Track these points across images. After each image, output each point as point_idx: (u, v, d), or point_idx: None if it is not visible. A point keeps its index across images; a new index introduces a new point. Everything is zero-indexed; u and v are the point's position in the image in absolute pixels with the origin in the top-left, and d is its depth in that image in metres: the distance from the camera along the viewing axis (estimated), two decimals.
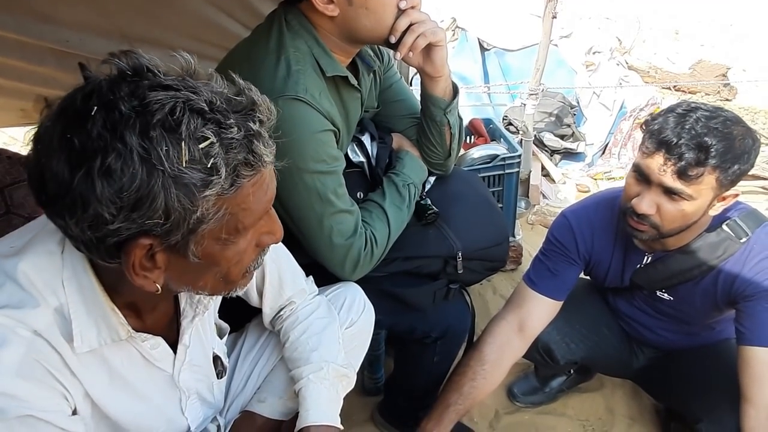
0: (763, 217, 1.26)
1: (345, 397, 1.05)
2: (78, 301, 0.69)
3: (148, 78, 0.58)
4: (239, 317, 1.15)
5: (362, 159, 1.31)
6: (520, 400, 1.79)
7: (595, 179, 3.49)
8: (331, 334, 1.07)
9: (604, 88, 4.10)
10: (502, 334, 1.41)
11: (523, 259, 2.46)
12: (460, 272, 1.33)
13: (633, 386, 1.79)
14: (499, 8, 4.63)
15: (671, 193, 1.11)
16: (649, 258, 1.35)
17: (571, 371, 1.78)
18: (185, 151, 0.56)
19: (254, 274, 0.79)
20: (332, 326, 1.08)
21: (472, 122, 2.44)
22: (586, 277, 1.55)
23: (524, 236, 2.68)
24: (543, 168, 3.46)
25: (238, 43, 1.21)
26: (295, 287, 1.08)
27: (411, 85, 2.45)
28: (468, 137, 2.43)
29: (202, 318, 0.89)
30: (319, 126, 1.07)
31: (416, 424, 1.36)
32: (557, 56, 4.33)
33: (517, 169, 2.26)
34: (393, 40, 1.11)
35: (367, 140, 1.32)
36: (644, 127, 1.15)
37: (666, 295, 1.38)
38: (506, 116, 3.59)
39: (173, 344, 0.85)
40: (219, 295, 0.87)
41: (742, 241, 1.21)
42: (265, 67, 1.07)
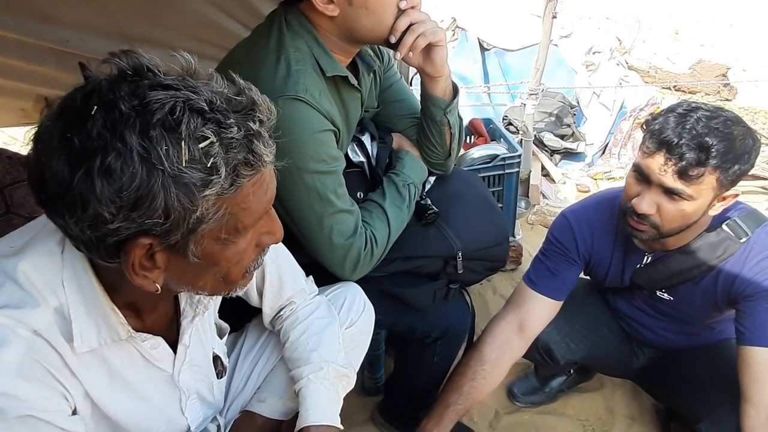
0: (762, 217, 1.26)
1: (345, 397, 1.05)
2: (78, 301, 0.68)
3: (148, 78, 0.58)
4: (239, 317, 1.15)
5: (362, 159, 1.31)
6: (520, 400, 1.79)
7: (595, 179, 3.49)
8: (331, 334, 1.07)
9: (604, 88, 4.10)
10: (502, 334, 1.41)
11: (523, 259, 2.46)
12: (460, 272, 1.33)
13: (633, 386, 1.79)
14: (499, 8, 4.64)
15: (671, 193, 1.11)
16: (649, 258, 1.35)
17: (571, 371, 1.78)
18: (185, 150, 0.56)
19: (254, 274, 0.79)
20: (332, 326, 1.08)
21: (472, 122, 2.44)
22: (586, 277, 1.55)
23: (524, 236, 2.68)
24: (543, 168, 3.46)
25: (238, 43, 1.20)
26: (295, 287, 1.08)
27: (411, 85, 2.45)
28: (468, 137, 2.43)
29: (202, 318, 0.88)
30: (319, 126, 1.07)
31: (416, 424, 1.36)
32: (557, 56, 4.33)
33: (517, 169, 2.26)
34: (393, 40, 1.11)
35: (367, 140, 1.32)
36: (645, 127, 1.15)
37: (666, 295, 1.38)
38: (506, 116, 3.60)
39: (173, 344, 0.85)
40: (219, 296, 0.87)
41: (742, 241, 1.21)
42: (265, 67, 1.07)
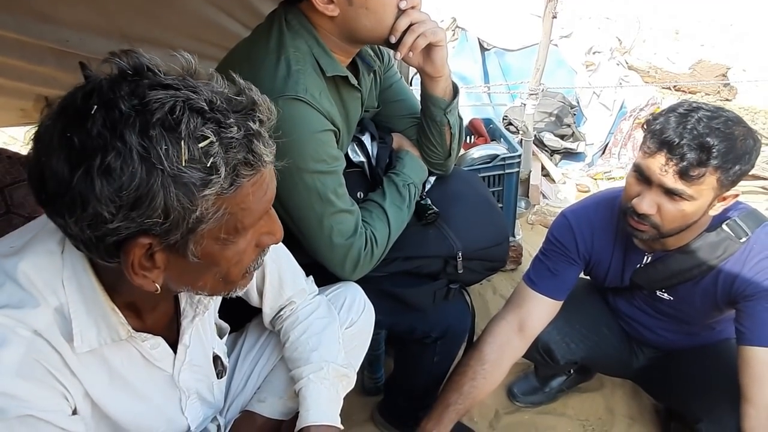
0: (762, 216, 1.26)
1: (345, 397, 1.05)
2: (78, 300, 0.68)
3: (149, 77, 0.58)
4: (239, 317, 1.15)
5: (362, 159, 1.31)
6: (520, 399, 1.79)
7: (595, 179, 3.49)
8: (331, 334, 1.07)
9: (604, 88, 4.10)
10: (502, 333, 1.41)
11: (523, 259, 2.46)
12: (460, 272, 1.33)
13: (633, 386, 1.79)
14: (499, 8, 4.64)
15: (672, 194, 1.11)
16: (649, 258, 1.35)
17: (571, 371, 1.78)
18: (185, 150, 0.56)
19: (254, 275, 0.79)
20: (332, 326, 1.08)
21: (472, 122, 2.44)
22: (586, 277, 1.55)
23: (524, 236, 2.68)
24: (543, 168, 3.46)
25: (238, 43, 1.20)
26: (296, 287, 1.08)
27: (411, 84, 2.45)
28: (468, 137, 2.43)
29: (202, 318, 0.88)
30: (319, 126, 1.07)
31: (416, 424, 1.36)
32: (557, 56, 4.33)
33: (517, 169, 2.26)
34: (393, 40, 1.11)
35: (367, 140, 1.32)
36: (645, 127, 1.15)
37: (666, 294, 1.38)
38: (506, 116, 3.60)
39: (173, 344, 0.85)
40: (219, 296, 0.86)
41: (741, 241, 1.21)
42: (265, 66, 1.07)
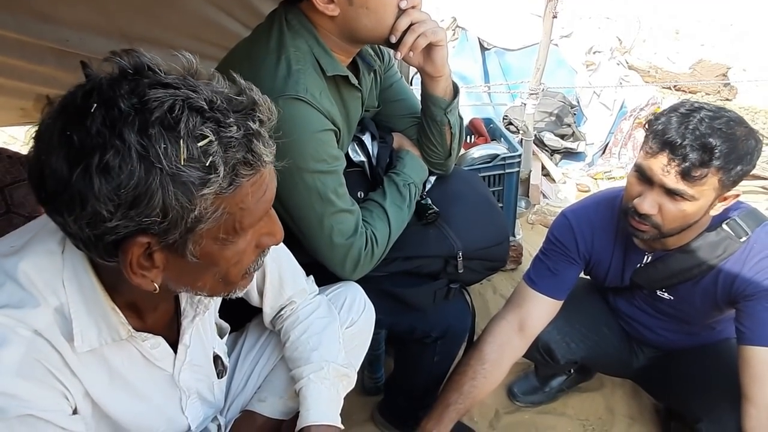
0: (763, 216, 1.25)
1: (345, 397, 1.05)
2: (78, 300, 0.68)
3: (149, 76, 0.58)
4: (240, 317, 1.15)
5: (363, 158, 1.31)
6: (520, 399, 1.79)
7: (596, 179, 3.49)
8: (332, 333, 1.07)
9: (604, 87, 4.10)
10: (503, 333, 1.41)
11: (524, 259, 2.46)
12: (461, 272, 1.33)
13: (633, 386, 1.79)
14: (500, 8, 4.63)
15: (673, 194, 1.11)
16: (649, 257, 1.35)
17: (571, 371, 1.78)
18: (183, 149, 0.56)
19: (254, 275, 0.79)
20: (332, 326, 1.08)
21: (472, 122, 2.44)
22: (587, 276, 1.55)
23: (524, 236, 2.67)
24: (543, 167, 3.46)
25: (238, 43, 1.20)
26: (296, 287, 1.08)
27: (411, 84, 2.45)
28: (468, 137, 2.43)
29: (202, 318, 0.88)
30: (320, 125, 1.07)
31: (416, 424, 1.36)
32: (557, 56, 4.33)
33: (517, 169, 2.25)
34: (393, 39, 1.11)
35: (367, 140, 1.32)
36: (647, 127, 1.15)
37: (666, 294, 1.38)
38: (506, 116, 3.59)
39: (174, 344, 0.85)
40: (218, 297, 0.86)
41: (742, 241, 1.21)
42: (266, 66, 1.07)
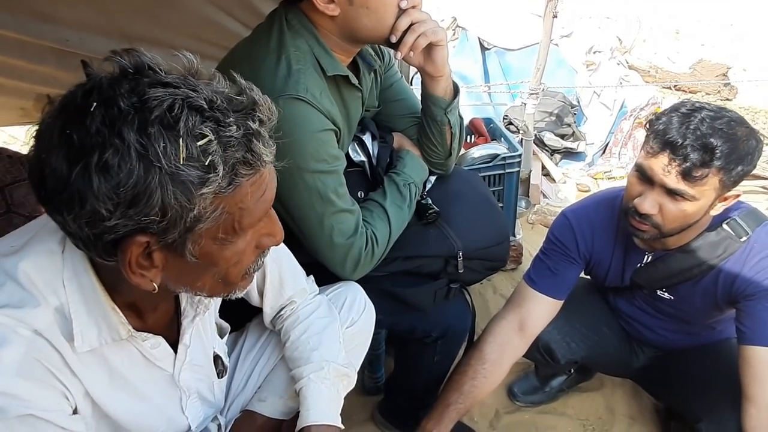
0: (763, 216, 1.25)
1: (345, 397, 1.05)
2: (78, 300, 0.68)
3: (149, 75, 0.58)
4: (240, 316, 1.15)
5: (363, 158, 1.31)
6: (520, 399, 1.79)
7: (596, 179, 3.49)
8: (332, 333, 1.07)
9: (604, 87, 4.10)
10: (503, 333, 1.41)
11: (524, 259, 2.46)
12: (461, 272, 1.33)
13: (633, 386, 1.79)
14: (500, 7, 4.63)
15: (674, 194, 1.11)
16: (650, 257, 1.35)
17: (572, 371, 1.78)
18: (183, 148, 0.56)
19: (254, 275, 0.79)
20: (333, 326, 1.08)
21: (472, 122, 2.44)
22: (587, 276, 1.55)
23: (524, 236, 2.67)
24: (543, 167, 3.46)
25: (238, 43, 1.20)
26: (296, 287, 1.08)
27: (412, 84, 2.45)
28: (468, 137, 2.42)
29: (202, 317, 0.88)
30: (320, 125, 1.07)
31: (416, 424, 1.36)
32: (558, 56, 4.33)
33: (517, 169, 2.25)
34: (394, 39, 1.11)
35: (368, 139, 1.32)
36: (648, 126, 1.15)
37: (666, 294, 1.38)
38: (507, 116, 3.59)
39: (174, 344, 0.85)
40: (218, 297, 0.86)
41: (742, 240, 1.21)
42: (266, 66, 1.07)
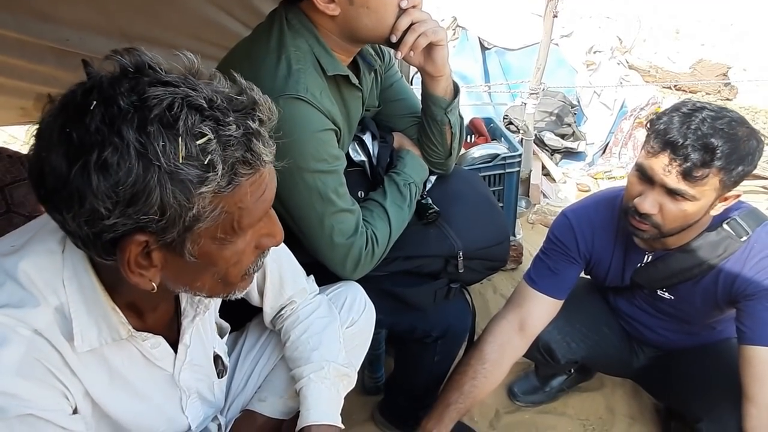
0: (763, 216, 1.25)
1: (345, 397, 1.05)
2: (78, 300, 0.68)
3: (149, 75, 0.58)
4: (240, 316, 1.15)
5: (363, 158, 1.31)
6: (520, 399, 1.79)
7: (596, 178, 3.49)
8: (332, 333, 1.06)
9: (604, 87, 4.10)
10: (503, 333, 1.41)
11: (524, 259, 2.46)
12: (461, 271, 1.33)
13: (633, 385, 1.79)
14: (500, 7, 4.63)
15: (674, 194, 1.11)
16: (650, 257, 1.35)
17: (572, 371, 1.78)
18: (182, 146, 0.56)
19: (254, 276, 0.79)
20: (333, 325, 1.08)
21: (472, 121, 2.44)
22: (587, 276, 1.55)
23: (525, 235, 2.68)
24: (543, 167, 3.46)
25: (238, 42, 1.20)
26: (296, 286, 1.08)
27: (412, 84, 2.45)
28: (468, 136, 2.42)
29: (202, 317, 0.88)
30: (320, 125, 1.07)
31: (417, 424, 1.36)
32: (558, 55, 4.33)
33: (517, 169, 2.25)
34: (394, 39, 1.11)
35: (368, 139, 1.32)
36: (649, 126, 1.15)
37: (666, 294, 1.38)
38: (507, 115, 3.59)
39: (174, 343, 0.85)
40: (218, 297, 0.86)
41: (742, 240, 1.21)
42: (266, 66, 1.07)
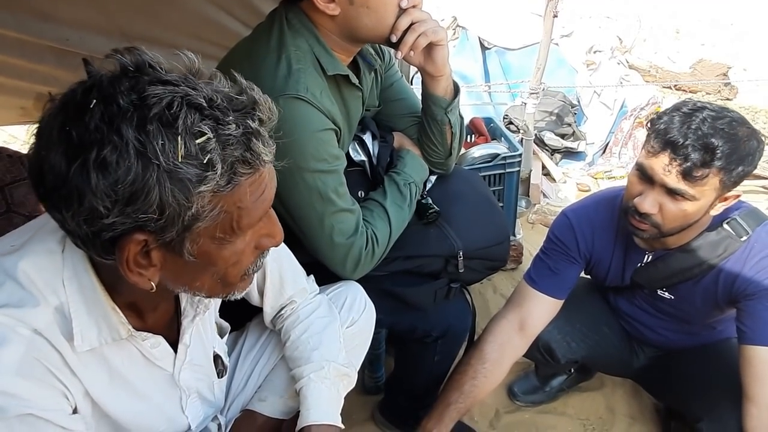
0: (763, 215, 1.25)
1: (345, 396, 1.05)
2: (78, 300, 0.68)
3: (149, 74, 0.58)
4: (240, 316, 1.15)
5: (363, 158, 1.31)
6: (520, 399, 1.79)
7: (596, 178, 3.49)
8: (332, 333, 1.06)
9: (604, 87, 4.10)
10: (503, 332, 1.41)
11: (524, 258, 2.46)
12: (461, 271, 1.33)
13: (633, 385, 1.79)
14: (500, 7, 4.63)
15: (674, 194, 1.11)
16: (650, 257, 1.35)
17: (572, 370, 1.78)
18: (181, 145, 0.56)
19: (254, 276, 0.79)
20: (333, 325, 1.08)
21: (472, 121, 2.44)
22: (587, 276, 1.54)
23: (525, 235, 2.68)
24: (543, 167, 3.46)
25: (238, 42, 1.20)
26: (296, 286, 1.08)
27: (412, 83, 2.45)
28: (469, 136, 2.42)
29: (202, 317, 0.88)
30: (320, 125, 1.07)
31: (417, 423, 1.36)
32: (558, 55, 4.33)
33: (517, 168, 2.25)
34: (394, 39, 1.11)
35: (368, 139, 1.32)
36: (649, 125, 1.15)
37: (667, 294, 1.38)
38: (507, 115, 3.59)
39: (174, 343, 0.85)
40: (217, 298, 0.86)
41: (742, 240, 1.21)
42: (266, 65, 1.06)
